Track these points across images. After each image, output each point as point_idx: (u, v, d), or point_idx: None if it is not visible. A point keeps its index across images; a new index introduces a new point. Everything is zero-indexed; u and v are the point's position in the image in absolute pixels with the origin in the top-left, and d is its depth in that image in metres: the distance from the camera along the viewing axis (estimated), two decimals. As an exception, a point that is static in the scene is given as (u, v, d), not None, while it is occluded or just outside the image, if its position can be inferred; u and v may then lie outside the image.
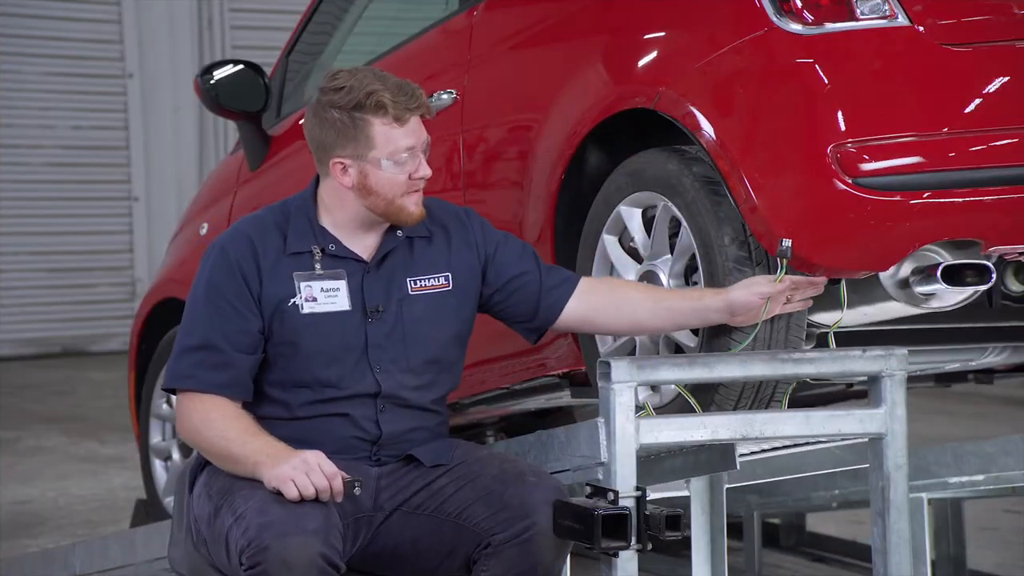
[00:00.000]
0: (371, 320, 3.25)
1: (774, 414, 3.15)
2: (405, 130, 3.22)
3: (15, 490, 7.17)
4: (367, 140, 3.20)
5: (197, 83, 4.79)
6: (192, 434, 3.21)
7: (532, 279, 3.37)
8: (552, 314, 3.38)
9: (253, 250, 3.24)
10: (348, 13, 4.99)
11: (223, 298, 3.22)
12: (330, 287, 3.24)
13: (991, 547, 5.78)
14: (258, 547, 2.95)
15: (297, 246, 3.26)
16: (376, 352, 3.25)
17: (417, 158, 3.24)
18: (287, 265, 3.24)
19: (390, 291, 3.27)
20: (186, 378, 3.22)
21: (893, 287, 3.36)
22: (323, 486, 3.03)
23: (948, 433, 7.97)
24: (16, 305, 12.30)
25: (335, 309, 3.24)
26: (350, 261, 3.27)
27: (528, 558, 3.12)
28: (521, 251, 3.40)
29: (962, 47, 3.27)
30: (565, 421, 5.07)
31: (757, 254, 3.31)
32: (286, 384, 3.25)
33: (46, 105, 12.38)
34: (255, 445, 3.11)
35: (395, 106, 3.19)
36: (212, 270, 3.25)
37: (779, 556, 5.90)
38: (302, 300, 3.23)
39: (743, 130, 3.28)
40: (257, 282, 3.22)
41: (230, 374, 3.20)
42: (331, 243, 3.27)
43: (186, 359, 3.23)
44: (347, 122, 3.20)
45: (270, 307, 3.23)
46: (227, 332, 3.21)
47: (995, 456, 4.10)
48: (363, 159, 3.21)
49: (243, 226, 3.31)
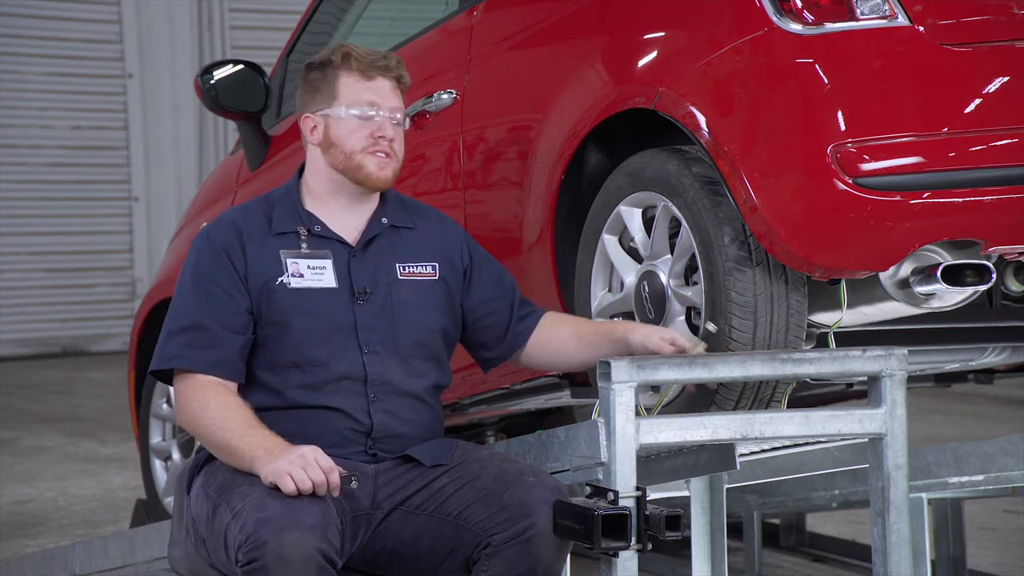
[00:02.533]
0: (360, 301, 3.28)
1: (774, 414, 3.15)
2: (371, 86, 3.33)
3: (15, 490, 7.17)
4: (332, 92, 3.33)
5: (197, 83, 4.79)
6: (190, 421, 3.22)
7: (506, 306, 3.44)
8: (516, 344, 3.46)
9: (238, 233, 3.29)
10: (348, 13, 4.99)
11: (211, 281, 3.25)
12: (317, 265, 3.29)
13: (991, 547, 5.79)
14: (255, 543, 2.96)
15: (282, 226, 3.32)
16: (365, 333, 3.27)
17: (382, 120, 3.32)
18: (273, 245, 3.29)
19: (378, 274, 3.31)
20: (175, 358, 3.24)
21: (893, 287, 3.36)
22: (320, 480, 3.03)
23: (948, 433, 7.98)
24: (16, 305, 12.31)
25: (322, 286, 3.27)
26: (335, 243, 3.32)
27: (528, 558, 3.12)
28: (500, 275, 3.47)
29: (962, 47, 3.27)
30: (565, 421, 5.07)
31: (757, 254, 3.31)
32: (276, 366, 3.26)
33: (46, 105, 12.39)
34: (253, 439, 3.12)
35: (360, 61, 3.33)
36: (198, 257, 3.29)
37: (779, 556, 5.90)
38: (289, 276, 3.27)
39: (743, 130, 3.28)
40: (243, 262, 3.27)
41: (221, 353, 3.22)
42: (316, 224, 3.33)
43: (174, 340, 3.25)
44: (318, 77, 3.36)
45: (257, 286, 3.26)
46: (216, 314, 3.23)
47: (995, 456, 4.10)
48: (327, 111, 3.33)
49: (228, 214, 3.38)
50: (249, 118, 4.90)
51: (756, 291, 3.31)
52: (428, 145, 4.23)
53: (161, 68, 12.69)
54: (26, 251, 12.39)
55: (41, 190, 12.40)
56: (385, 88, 3.34)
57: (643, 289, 3.54)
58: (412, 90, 4.27)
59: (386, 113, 3.32)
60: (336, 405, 3.25)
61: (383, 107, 3.32)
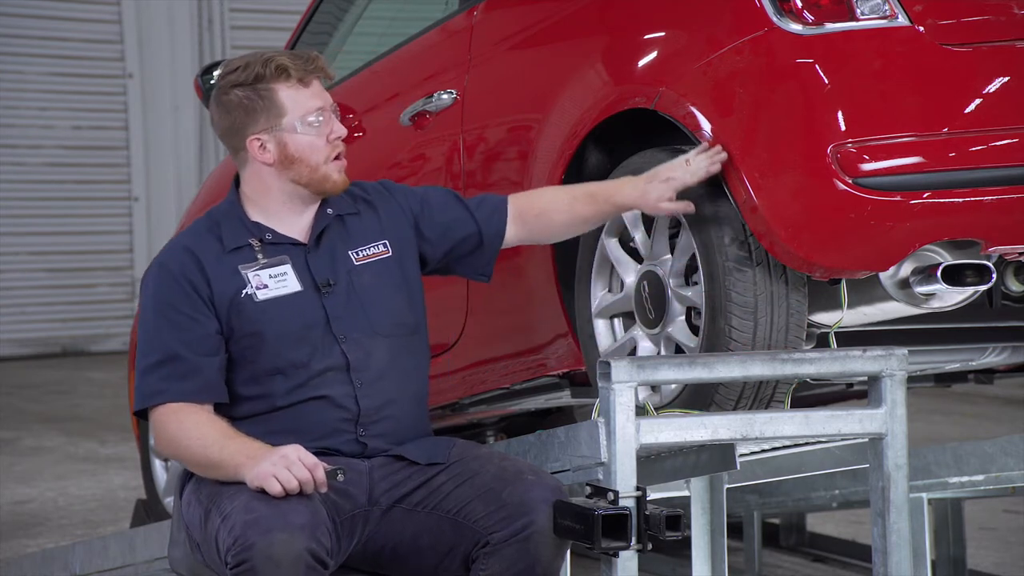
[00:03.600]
0: (325, 294, 3.28)
1: (774, 414, 3.15)
2: (311, 91, 3.29)
3: (15, 490, 7.17)
4: (277, 108, 3.26)
5: (197, 83, 4.79)
6: (170, 446, 3.20)
7: (465, 218, 3.44)
8: (496, 245, 3.46)
9: (193, 256, 3.26)
10: (348, 13, 4.99)
11: (174, 309, 3.22)
12: (277, 272, 3.28)
13: (991, 547, 5.79)
14: (244, 545, 2.95)
15: (234, 242, 3.29)
16: (338, 324, 3.27)
17: (330, 120, 3.30)
18: (229, 262, 3.27)
19: (335, 265, 3.31)
20: (157, 394, 3.20)
21: (893, 287, 3.36)
22: (305, 478, 3.03)
23: (948, 433, 7.98)
24: (16, 305, 12.31)
25: (287, 292, 3.27)
26: (289, 246, 3.31)
27: (526, 557, 3.12)
28: (444, 198, 3.47)
29: (962, 47, 3.26)
30: (565, 421, 5.07)
31: (757, 254, 3.31)
32: (259, 376, 3.25)
33: (46, 105, 12.39)
34: (233, 447, 3.11)
35: (295, 68, 3.27)
36: (156, 288, 3.26)
37: (779, 556, 5.90)
38: (253, 289, 3.25)
39: (743, 130, 3.28)
40: (205, 285, 3.24)
41: (200, 380, 3.20)
42: (267, 233, 3.31)
43: (152, 376, 3.21)
44: (253, 96, 3.26)
45: (224, 305, 3.24)
46: (186, 340, 3.20)
47: (995, 456, 4.10)
48: (278, 128, 3.27)
49: (176, 241, 3.34)
50: (249, 118, 4.89)
51: (756, 291, 3.31)
52: (428, 145, 4.23)
53: (161, 68, 12.69)
54: (26, 251, 12.39)
55: (41, 190, 12.40)
56: (318, 87, 3.32)
57: (643, 289, 3.54)
58: (412, 90, 4.28)
59: (330, 111, 3.32)
60: (323, 394, 3.25)
61: (326, 107, 3.31)
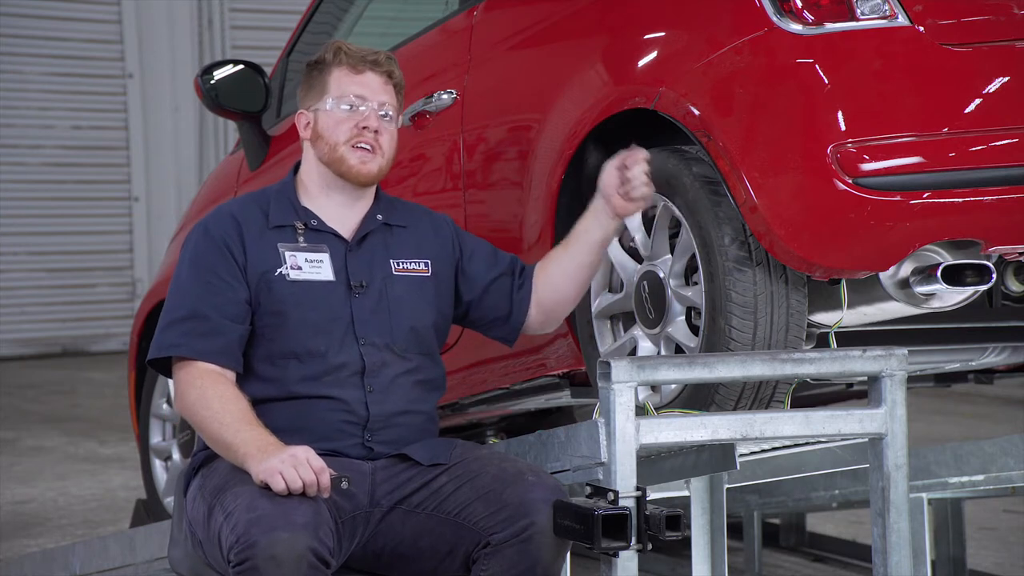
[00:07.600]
0: (356, 295, 3.31)
1: (774, 414, 3.15)
2: (359, 79, 3.36)
3: (15, 490, 7.17)
4: (323, 87, 3.38)
5: (197, 83, 4.79)
6: (187, 409, 3.23)
7: (507, 279, 3.46)
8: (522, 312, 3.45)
9: (236, 225, 3.31)
10: (348, 13, 4.99)
11: (211, 271, 3.27)
12: (314, 258, 3.32)
13: (991, 547, 5.79)
14: (246, 543, 2.96)
15: (279, 220, 3.34)
16: (362, 326, 3.29)
17: (368, 111, 3.34)
18: (271, 238, 3.32)
19: (373, 269, 3.34)
20: (174, 346, 3.24)
21: (893, 287, 3.36)
22: (310, 480, 3.03)
23: (948, 433, 7.98)
24: (16, 305, 12.31)
25: (320, 278, 3.30)
26: (331, 237, 3.34)
27: (527, 557, 3.12)
28: (493, 255, 3.48)
29: (962, 47, 3.27)
30: (565, 421, 5.07)
31: (757, 254, 3.31)
32: (275, 357, 3.27)
33: (46, 105, 12.39)
34: (246, 435, 3.12)
35: (350, 56, 3.37)
36: (196, 248, 3.31)
37: (779, 556, 5.90)
38: (287, 268, 3.29)
39: (743, 130, 3.28)
40: (242, 253, 3.28)
41: (219, 342, 3.23)
42: (313, 219, 3.35)
43: (173, 329, 3.25)
44: (313, 75, 3.41)
45: (255, 277, 3.28)
46: (216, 303, 3.24)
47: (995, 456, 4.11)
48: (318, 106, 3.37)
49: (224, 207, 3.40)
50: (249, 118, 4.90)
51: (756, 291, 3.31)
52: (428, 145, 4.23)
53: (161, 68, 12.70)
54: (26, 251, 12.39)
55: (41, 190, 12.40)
56: (374, 82, 3.36)
57: (643, 289, 3.54)
58: (412, 90, 4.28)
59: (373, 105, 3.34)
60: (334, 395, 3.26)
61: (370, 100, 3.34)
